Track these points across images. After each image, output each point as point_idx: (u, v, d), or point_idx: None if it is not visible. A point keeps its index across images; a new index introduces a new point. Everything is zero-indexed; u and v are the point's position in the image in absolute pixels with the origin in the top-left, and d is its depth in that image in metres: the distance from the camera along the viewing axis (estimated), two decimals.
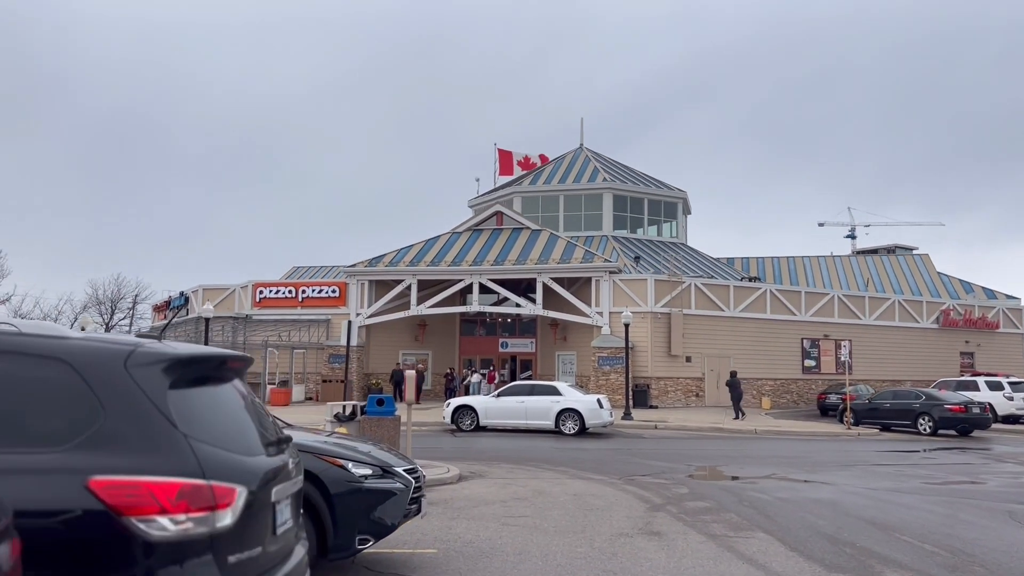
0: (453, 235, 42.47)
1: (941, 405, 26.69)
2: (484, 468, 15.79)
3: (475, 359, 43.32)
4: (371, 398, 14.77)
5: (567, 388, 25.37)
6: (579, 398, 24.81)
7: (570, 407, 24.35)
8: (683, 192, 52.46)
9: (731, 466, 17.30)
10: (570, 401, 24.53)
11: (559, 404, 24.43)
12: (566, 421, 24.27)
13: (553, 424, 24.33)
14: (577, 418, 24.21)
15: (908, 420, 27.32)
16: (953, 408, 26.33)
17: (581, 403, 24.53)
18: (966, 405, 26.47)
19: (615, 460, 17.99)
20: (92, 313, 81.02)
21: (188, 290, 45.60)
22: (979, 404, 26.93)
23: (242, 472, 3.68)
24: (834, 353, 42.01)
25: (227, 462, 3.64)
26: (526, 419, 24.55)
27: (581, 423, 24.17)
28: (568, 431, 24.15)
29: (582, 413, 24.22)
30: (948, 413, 26.47)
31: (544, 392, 25.01)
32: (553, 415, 24.34)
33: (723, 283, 40.50)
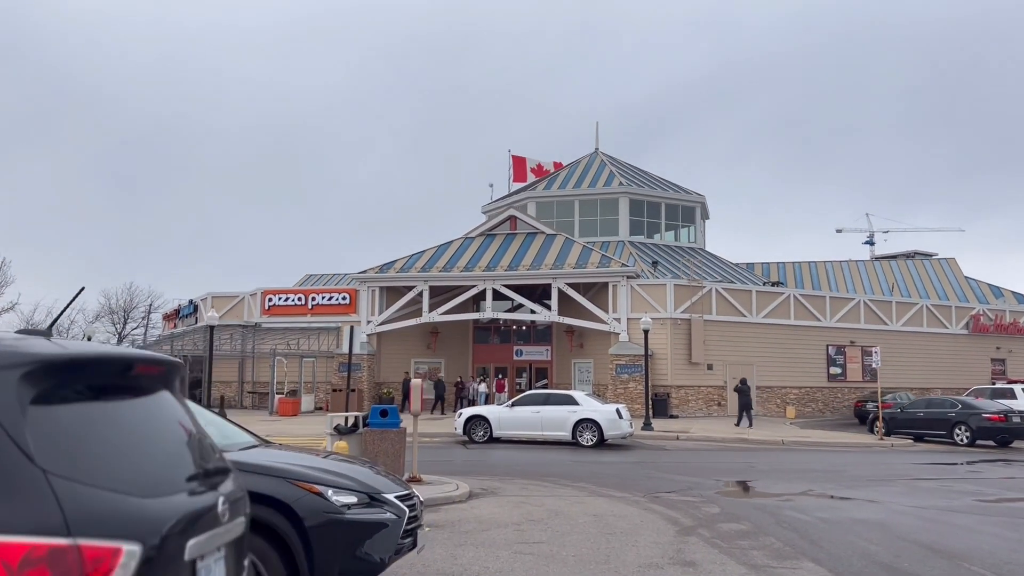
0: (466, 240, 41.45)
1: (979, 414, 25.32)
2: (497, 484, 14.65)
3: (489, 367, 42.20)
4: (374, 409, 13.70)
5: (584, 397, 24.22)
6: (597, 408, 23.65)
7: (588, 417, 23.19)
8: (701, 196, 51.24)
9: (762, 481, 16.09)
10: (588, 411, 23.38)
11: (576, 414, 23.30)
12: (583, 432, 23.13)
13: (570, 435, 23.19)
14: (595, 429, 23.06)
15: (943, 430, 26.05)
16: (992, 417, 25.03)
17: (599, 413, 23.37)
18: (1006, 414, 25.21)
19: (637, 475, 16.81)
20: (105, 323, 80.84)
21: (197, 298, 44.82)
22: (1019, 413, 25.60)
23: (135, 522, 2.59)
24: (860, 360, 40.59)
25: (110, 509, 2.54)
26: (542, 430, 23.42)
27: (599, 434, 23.01)
28: (586, 443, 23.01)
29: (600, 424, 23.07)
30: (986, 423, 25.20)
31: (560, 402, 23.89)
32: (570, 426, 23.21)
33: (745, 288, 39.21)
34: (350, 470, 6.19)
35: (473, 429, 23.88)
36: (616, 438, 23.55)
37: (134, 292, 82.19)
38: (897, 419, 27.69)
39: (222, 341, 39.91)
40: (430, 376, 41.37)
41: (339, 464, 6.40)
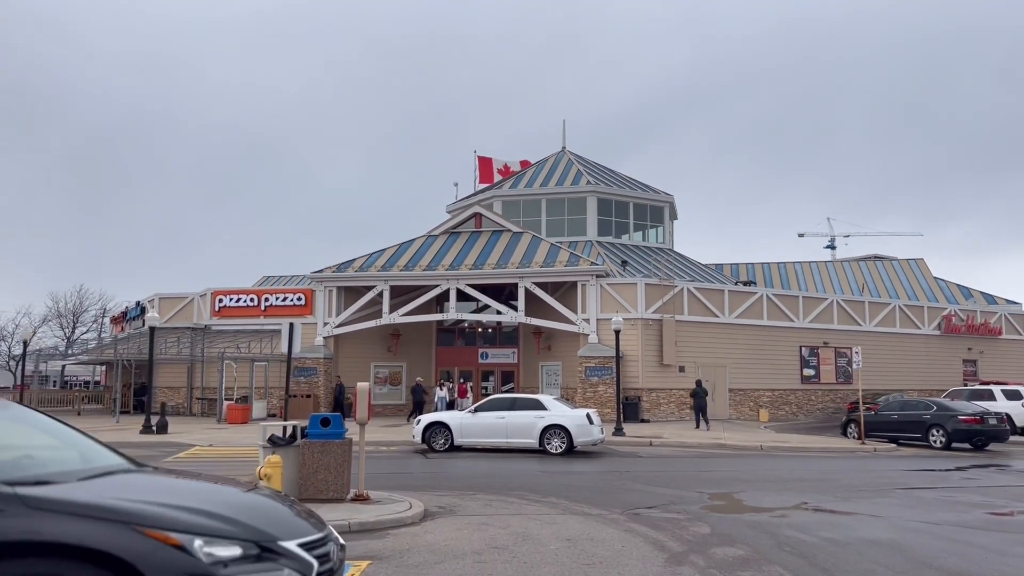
0: (428, 238, 39.71)
1: (955, 416, 24.36)
2: (456, 501, 12.98)
3: (453, 371, 40.46)
4: (314, 418, 11.95)
5: (552, 402, 22.65)
6: (566, 413, 22.10)
7: (556, 423, 21.61)
8: (670, 196, 50.02)
9: (750, 492, 14.62)
10: (556, 416, 21.81)
11: (544, 420, 21.70)
12: (552, 439, 21.55)
13: (537, 442, 21.60)
14: (564, 435, 21.50)
15: (918, 432, 25.06)
16: (968, 419, 24.11)
17: (568, 418, 21.80)
18: (982, 416, 24.30)
19: (612, 487, 15.25)
20: (53, 327, 77.45)
21: (144, 300, 42.45)
22: (996, 415, 24.74)
23: None
24: (834, 361, 39.68)
25: None
26: (507, 437, 21.80)
27: (569, 441, 21.46)
28: (554, 450, 21.44)
29: (570, 430, 21.51)
30: (962, 425, 24.16)
31: (527, 406, 22.29)
32: (537, 432, 21.61)
33: (717, 287, 37.98)
34: (239, 506, 4.49)
35: (433, 437, 22.15)
36: (586, 445, 22.04)
37: (84, 295, 79.20)
38: (871, 422, 26.68)
39: (169, 345, 37.70)
40: (391, 380, 39.56)
41: (229, 498, 4.69)
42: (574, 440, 21.46)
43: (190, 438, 24.90)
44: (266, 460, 11.08)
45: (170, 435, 25.74)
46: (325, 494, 11.69)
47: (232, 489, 5.05)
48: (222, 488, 5.02)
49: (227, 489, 5.01)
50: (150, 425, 26.44)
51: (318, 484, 11.69)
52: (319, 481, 11.70)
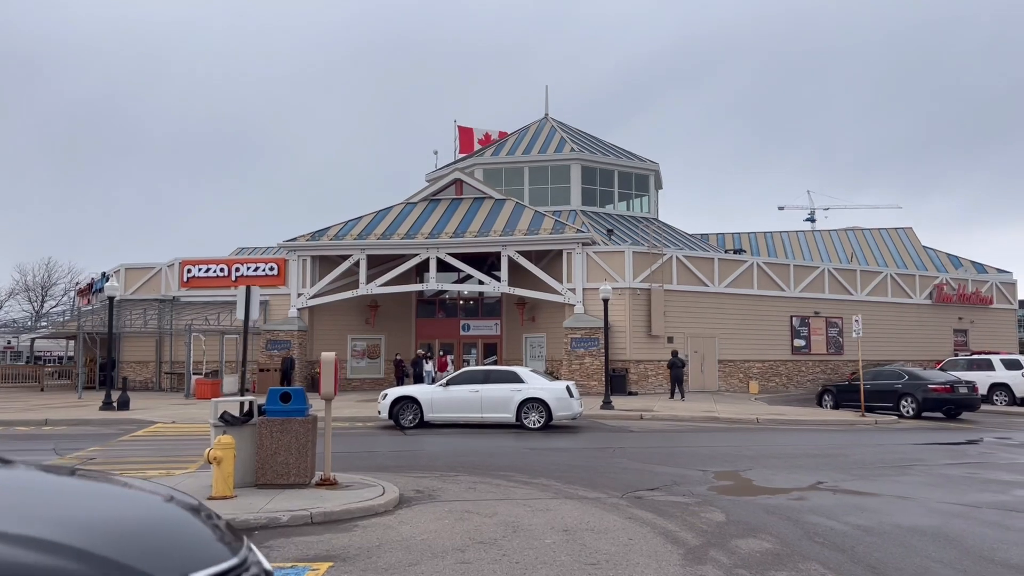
0: (407, 206, 38.06)
1: (924, 385, 24.17)
2: (436, 484, 11.61)
3: (434, 343, 39.02)
4: (272, 392, 10.48)
5: (529, 374, 21.26)
6: (545, 385, 20.68)
7: (535, 396, 20.17)
8: (655, 164, 48.56)
9: (757, 470, 13.38)
10: (534, 389, 20.37)
11: (521, 393, 20.25)
12: (529, 413, 20.13)
13: (514, 417, 20.16)
14: (543, 409, 20.13)
15: (890, 402, 24.86)
16: (938, 388, 23.94)
17: (547, 391, 20.39)
18: (952, 385, 24.13)
19: (607, 465, 13.94)
20: (20, 300, 75.15)
21: (110, 271, 40.53)
22: (966, 383, 24.55)
23: None
24: (825, 332, 38.68)
25: None
26: (481, 412, 20.40)
27: (548, 415, 20.12)
28: (532, 425, 20.08)
29: (549, 403, 20.13)
30: (932, 394, 23.91)
31: (503, 379, 20.80)
32: (514, 406, 20.17)
33: (707, 255, 36.71)
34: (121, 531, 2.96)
35: (401, 413, 20.58)
36: (566, 419, 20.79)
37: (52, 268, 76.87)
38: (845, 391, 26.54)
39: (135, 317, 35.97)
40: (369, 354, 38.11)
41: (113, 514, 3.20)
42: (553, 414, 20.19)
43: (153, 415, 23.37)
44: (216, 441, 9.62)
45: (132, 411, 24.18)
46: (286, 479, 10.27)
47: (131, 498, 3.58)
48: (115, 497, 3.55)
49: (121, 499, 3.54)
50: (110, 401, 24.85)
51: (277, 467, 10.27)
52: (278, 464, 10.27)
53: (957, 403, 24.03)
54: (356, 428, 21.07)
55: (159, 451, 15.95)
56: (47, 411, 24.43)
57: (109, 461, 14.42)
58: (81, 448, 16.14)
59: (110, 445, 16.87)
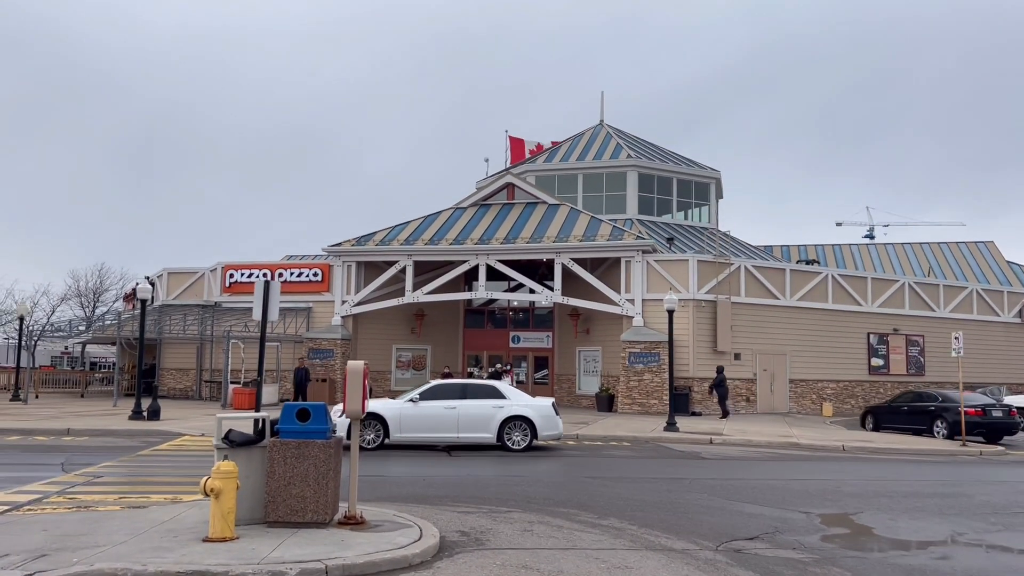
0: (456, 211, 36.31)
1: (956, 408, 23.17)
2: (484, 523, 9.59)
3: (482, 355, 37.13)
4: (287, 408, 8.58)
5: (511, 389, 19.23)
6: (529, 402, 18.67)
7: (519, 414, 18.15)
8: (716, 172, 46.00)
9: (871, 513, 11.08)
10: (518, 406, 18.30)
11: (504, 410, 18.18)
12: (512, 432, 18.10)
13: (495, 437, 18.05)
14: (527, 428, 18.11)
15: (924, 424, 24.45)
16: (970, 411, 22.95)
17: (532, 408, 18.35)
18: (984, 408, 23.44)
19: (686, 502, 11.76)
20: (73, 305, 75.52)
21: (153, 275, 39.60)
22: (1001, 407, 23.91)
23: None
24: (905, 351, 35.70)
25: None
26: (457, 432, 18.03)
27: (532, 434, 18.12)
28: (515, 446, 18.00)
29: (534, 421, 18.11)
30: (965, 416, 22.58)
31: (482, 394, 18.60)
32: (496, 425, 18.06)
33: (778, 266, 34.12)
34: None
35: (362, 432, 18.32)
36: (550, 439, 18.73)
37: (104, 274, 77.16)
38: (884, 412, 26.33)
39: (174, 322, 34.83)
40: (415, 365, 36.37)
41: None
42: (539, 433, 18.22)
43: (182, 426, 21.85)
44: (215, 468, 7.76)
45: (161, 422, 22.72)
46: (301, 515, 8.36)
47: None
48: None
49: None
50: (140, 410, 23.45)
51: (291, 501, 8.37)
52: (293, 497, 8.37)
53: (988, 426, 23.21)
54: (404, 448, 19.17)
55: (177, 469, 14.26)
56: (75, 419, 23.11)
57: (117, 480, 12.75)
58: (93, 463, 14.55)
59: (125, 460, 15.26)
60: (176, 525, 8.52)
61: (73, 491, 11.41)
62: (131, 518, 8.98)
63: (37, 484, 11.89)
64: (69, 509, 9.88)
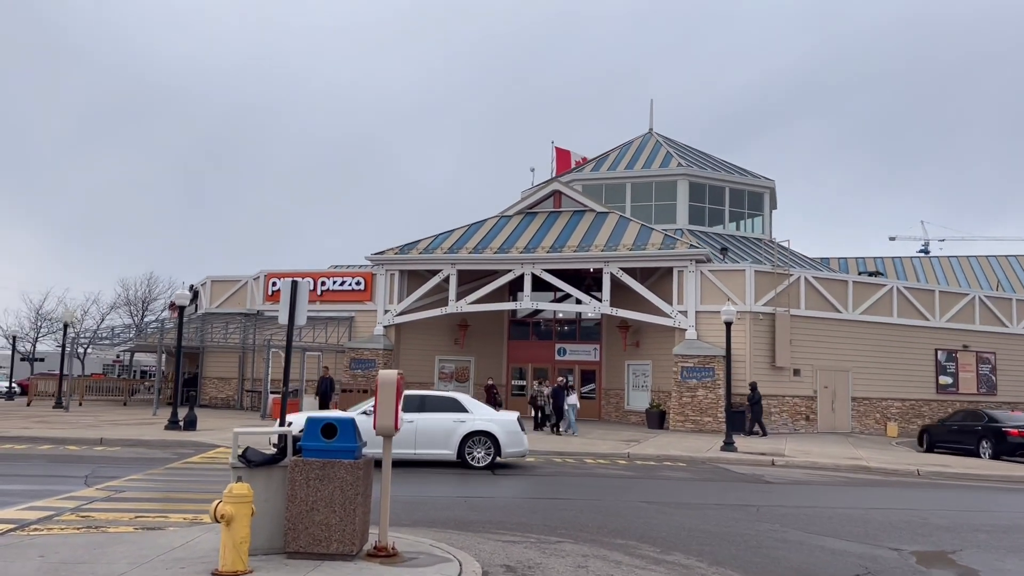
0: (501, 219, 35.37)
1: (1000, 429, 23.02)
2: (532, 556, 8.49)
3: (526, 368, 36.06)
4: (310, 423, 7.60)
5: (473, 402, 17.95)
6: (493, 416, 17.42)
7: (482, 429, 16.95)
8: (771, 181, 44.33)
9: (970, 551, 9.72)
10: (482, 420, 17.11)
11: (466, 425, 16.97)
12: (475, 449, 16.91)
13: (455, 453, 16.83)
14: (491, 444, 16.93)
15: (972, 444, 23.93)
16: (1012, 432, 22.71)
17: (497, 424, 17.13)
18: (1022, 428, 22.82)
19: (756, 534, 10.50)
20: (122, 313, 76.44)
21: (197, 284, 39.46)
22: None
23: None
24: (975, 368, 33.68)
25: None
26: (415, 447, 16.77)
27: (495, 451, 16.92)
28: (478, 463, 16.82)
29: (498, 437, 16.93)
30: (1008, 437, 22.65)
31: (443, 407, 17.33)
32: (456, 440, 16.83)
33: (839, 277, 32.46)
34: None
35: None
36: (514, 456, 17.44)
37: (153, 282, 78.03)
38: (936, 432, 25.76)
39: (216, 330, 34.45)
40: (458, 377, 35.42)
41: None
42: (502, 450, 16.95)
43: (218, 437, 21.15)
44: (227, 491, 6.80)
45: (197, 432, 22.07)
46: (325, 545, 7.36)
47: None
48: None
49: None
50: (176, 420, 22.87)
51: (314, 529, 7.38)
52: (316, 525, 7.37)
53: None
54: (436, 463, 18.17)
55: (204, 484, 13.41)
56: (111, 428, 22.60)
57: (139, 496, 11.94)
58: (118, 476, 13.81)
59: (152, 474, 14.49)
60: (187, 553, 7.59)
61: (89, 508, 10.60)
62: (140, 543, 8.08)
63: (53, 499, 11.13)
64: (78, 530, 9.04)
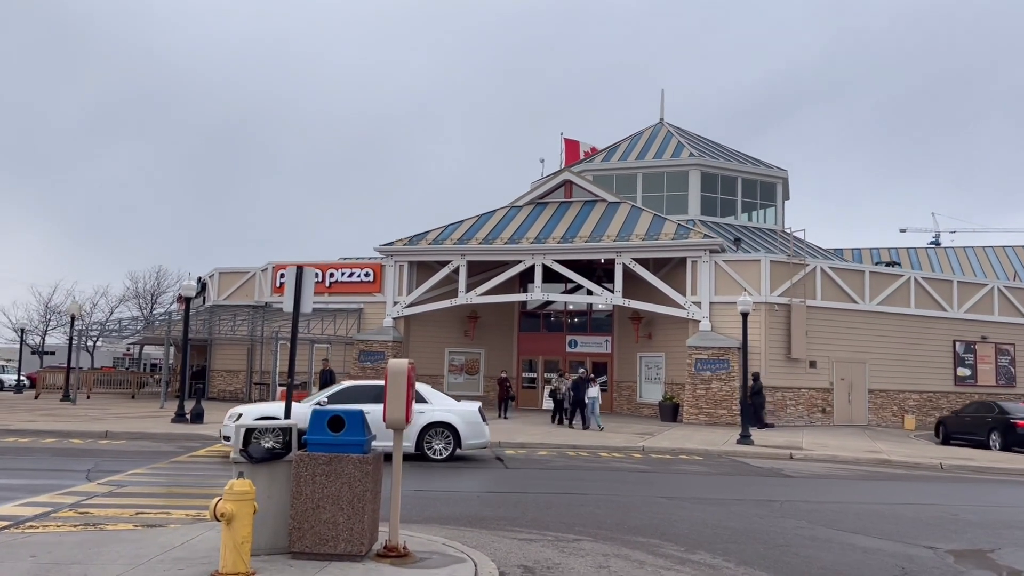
0: (511, 209, 34.89)
1: (1008, 419, 23.19)
2: (550, 555, 8.07)
3: (537, 360, 35.63)
4: (315, 415, 7.19)
5: (432, 392, 17.42)
6: (452, 407, 16.93)
7: (442, 420, 16.41)
8: (783, 171, 43.64)
9: (1008, 550, 9.29)
10: (440, 411, 16.57)
11: (424, 415, 16.32)
12: (434, 441, 16.37)
13: (414, 445, 16.14)
14: (451, 436, 16.40)
15: (983, 435, 23.98)
16: (1019, 423, 22.79)
17: (457, 414, 16.63)
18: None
19: (783, 531, 10.05)
20: (131, 306, 76.40)
21: (205, 275, 39.14)
22: None
23: None
24: (994, 360, 33.05)
25: None
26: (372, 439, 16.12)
27: (455, 443, 16.38)
28: (437, 455, 16.28)
29: (458, 429, 16.41)
30: (1015, 428, 22.76)
31: None
32: (415, 432, 16.21)
33: (856, 267, 31.87)
34: None
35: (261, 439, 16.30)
36: (475, 447, 16.95)
37: (162, 275, 77.91)
38: (952, 423, 25.82)
39: (224, 322, 34.12)
40: (468, 369, 35.02)
41: None
42: (463, 442, 16.46)
43: None
44: (227, 488, 6.40)
45: (203, 426, 21.73)
46: (332, 545, 6.95)
47: None
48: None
49: None
50: (183, 413, 22.56)
51: (320, 528, 6.97)
52: (322, 523, 6.97)
53: None
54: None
55: (209, 478, 13.05)
56: (116, 421, 22.30)
57: (141, 491, 11.58)
58: (121, 470, 13.46)
59: (157, 468, 14.14)
60: (187, 552, 7.20)
61: (89, 504, 10.24)
62: (139, 541, 7.69)
63: (52, 494, 10.77)
64: (75, 527, 8.66)
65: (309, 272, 11.35)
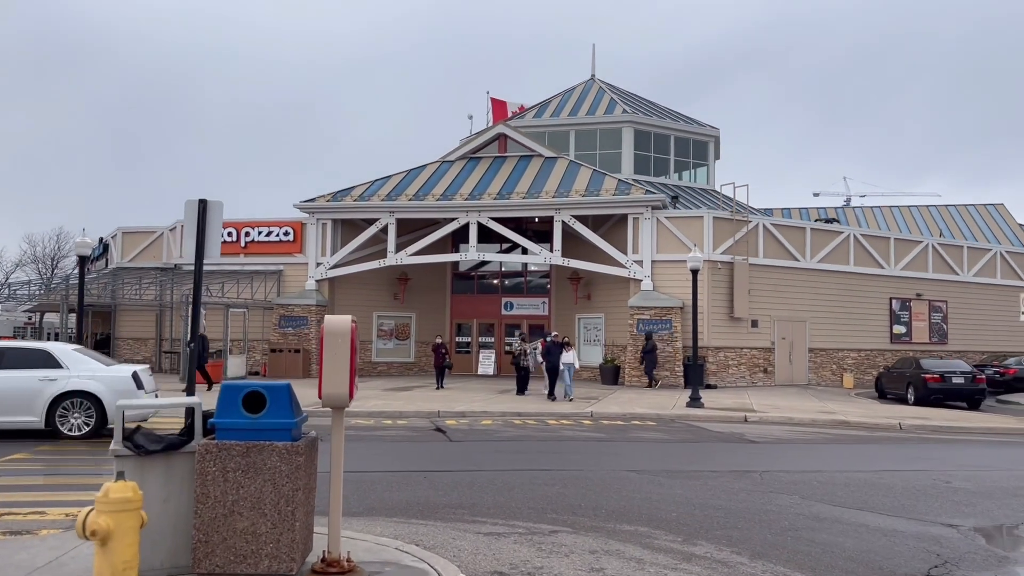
0: (443, 164, 32.94)
1: (921, 375, 24.18)
2: (527, 555, 6.55)
3: (471, 324, 34.06)
4: (225, 390, 5.39)
5: (74, 354, 13.94)
6: (97, 372, 13.67)
7: (80, 389, 13.35)
8: (715, 129, 42.79)
9: None
10: (79, 379, 13.42)
11: (57, 384, 13.34)
12: (70, 414, 13.38)
13: (42, 420, 13.24)
14: (92, 408, 13.39)
15: (902, 389, 25.21)
16: (928, 378, 23.87)
17: (101, 381, 13.45)
18: (942, 375, 23.99)
19: (778, 511, 8.79)
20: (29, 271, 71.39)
21: (107, 236, 35.99)
22: (964, 374, 24.22)
23: None
24: (928, 317, 33.13)
25: None
26: None
27: (100, 416, 13.40)
28: (73, 431, 13.29)
29: (103, 399, 13.32)
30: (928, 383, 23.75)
31: (25, 363, 13.55)
32: (43, 404, 13.22)
33: (798, 224, 31.34)
34: None
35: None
36: (135, 419, 12.52)
37: (63, 238, 72.89)
38: (883, 380, 27.01)
39: (129, 286, 31.32)
40: (398, 334, 33.17)
41: None
42: (108, 415, 13.36)
43: None
44: (102, 494, 4.60)
45: None
46: (252, 563, 5.24)
47: None
48: None
49: None
50: None
51: (236, 541, 5.24)
52: (238, 534, 5.24)
53: (946, 393, 23.79)
54: (384, 429, 16.12)
55: (106, 462, 11.05)
56: None
57: (15, 483, 9.57)
58: (4, 454, 11.33)
59: (42, 451, 12.03)
60: (55, 573, 5.38)
61: None
62: None
63: None
64: None
65: (216, 205, 9.11)
